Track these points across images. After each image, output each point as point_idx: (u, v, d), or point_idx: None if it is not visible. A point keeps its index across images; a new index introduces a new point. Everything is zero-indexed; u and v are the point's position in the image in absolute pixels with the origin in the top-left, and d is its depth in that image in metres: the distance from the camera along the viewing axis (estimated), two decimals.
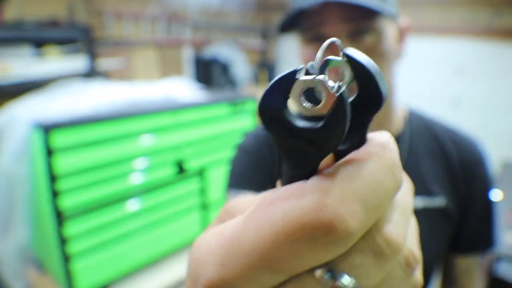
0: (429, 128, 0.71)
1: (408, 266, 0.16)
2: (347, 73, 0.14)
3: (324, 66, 0.14)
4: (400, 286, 0.16)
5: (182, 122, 1.61)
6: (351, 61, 0.14)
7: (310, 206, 0.13)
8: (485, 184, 0.69)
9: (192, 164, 1.68)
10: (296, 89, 0.14)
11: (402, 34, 0.65)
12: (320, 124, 0.14)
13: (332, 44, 0.15)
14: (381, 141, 0.16)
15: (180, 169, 1.63)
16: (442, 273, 0.75)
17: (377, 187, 0.14)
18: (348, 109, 0.13)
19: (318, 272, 0.14)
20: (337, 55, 0.15)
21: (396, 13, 0.61)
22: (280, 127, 0.14)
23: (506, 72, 3.01)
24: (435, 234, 0.64)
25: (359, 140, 0.16)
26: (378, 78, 0.14)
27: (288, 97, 0.14)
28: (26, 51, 1.89)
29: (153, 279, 1.56)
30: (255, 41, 4.23)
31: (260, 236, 0.13)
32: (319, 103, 0.14)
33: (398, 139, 0.67)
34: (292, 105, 0.14)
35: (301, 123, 0.14)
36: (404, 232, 0.16)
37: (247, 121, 1.94)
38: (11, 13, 2.11)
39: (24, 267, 1.37)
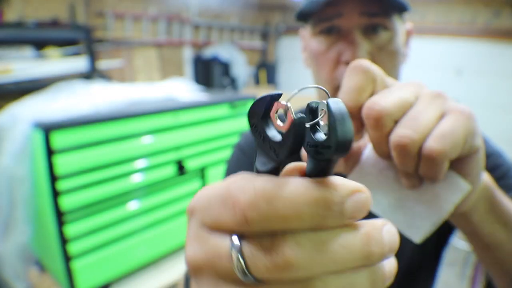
0: None
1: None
2: (321, 114, 0.18)
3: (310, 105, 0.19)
4: None
5: (182, 122, 1.62)
6: (328, 107, 0.17)
7: (245, 187, 0.18)
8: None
9: (192, 164, 1.68)
10: (273, 109, 0.18)
11: (407, 37, 0.66)
12: (279, 138, 0.18)
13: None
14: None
15: (180, 169, 1.63)
16: None
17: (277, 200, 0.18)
18: (299, 132, 0.17)
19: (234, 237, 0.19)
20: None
21: (409, 10, 0.61)
22: (258, 133, 0.19)
23: (506, 72, 3.01)
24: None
25: (325, 171, 0.18)
26: (341, 127, 0.16)
27: (268, 113, 0.19)
28: (27, 52, 1.90)
29: (153, 279, 1.56)
30: (255, 42, 4.24)
31: (228, 190, 0.19)
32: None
33: None
34: (270, 119, 0.19)
35: (270, 133, 0.19)
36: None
37: (246, 122, 1.95)
38: (12, 14, 2.13)
39: (25, 266, 1.37)
